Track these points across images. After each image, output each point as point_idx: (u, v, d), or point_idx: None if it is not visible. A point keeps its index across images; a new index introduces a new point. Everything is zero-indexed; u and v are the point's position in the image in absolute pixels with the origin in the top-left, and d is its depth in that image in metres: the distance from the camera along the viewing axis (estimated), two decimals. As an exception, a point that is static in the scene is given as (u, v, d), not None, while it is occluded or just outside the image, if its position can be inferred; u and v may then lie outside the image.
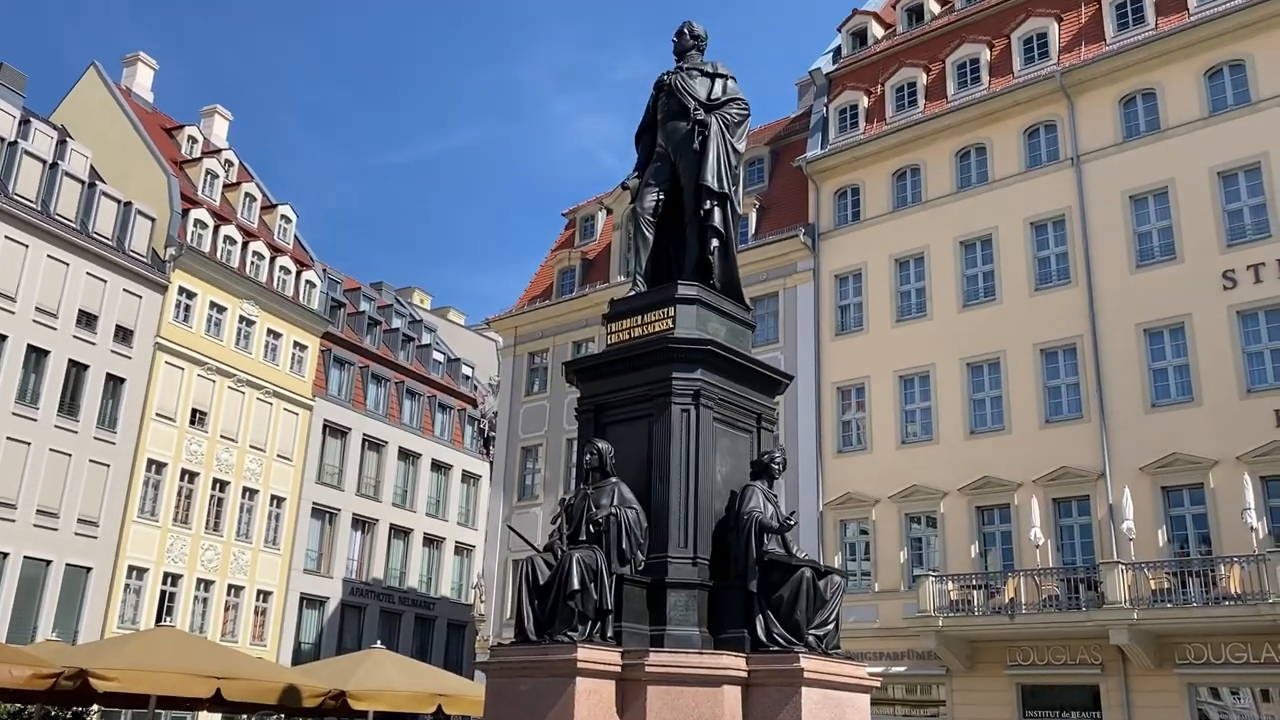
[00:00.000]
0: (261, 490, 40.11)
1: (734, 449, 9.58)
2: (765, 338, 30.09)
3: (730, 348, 9.70)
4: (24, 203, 33.19)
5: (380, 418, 46.19)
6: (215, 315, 39.34)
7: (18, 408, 32.09)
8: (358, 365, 45.83)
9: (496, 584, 35.01)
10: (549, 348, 36.39)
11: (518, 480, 35.98)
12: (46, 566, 32.40)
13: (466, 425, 51.05)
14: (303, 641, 40.91)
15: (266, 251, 41.98)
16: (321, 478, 42.93)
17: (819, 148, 31.55)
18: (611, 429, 9.61)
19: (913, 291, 28.91)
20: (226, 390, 39.15)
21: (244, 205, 43.15)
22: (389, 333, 49.36)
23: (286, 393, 41.58)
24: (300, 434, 42.11)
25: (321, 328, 43.89)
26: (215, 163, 42.61)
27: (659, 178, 10.32)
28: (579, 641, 8.05)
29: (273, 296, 41.55)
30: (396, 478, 46.61)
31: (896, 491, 27.22)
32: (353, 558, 43.97)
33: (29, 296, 32.84)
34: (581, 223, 39.40)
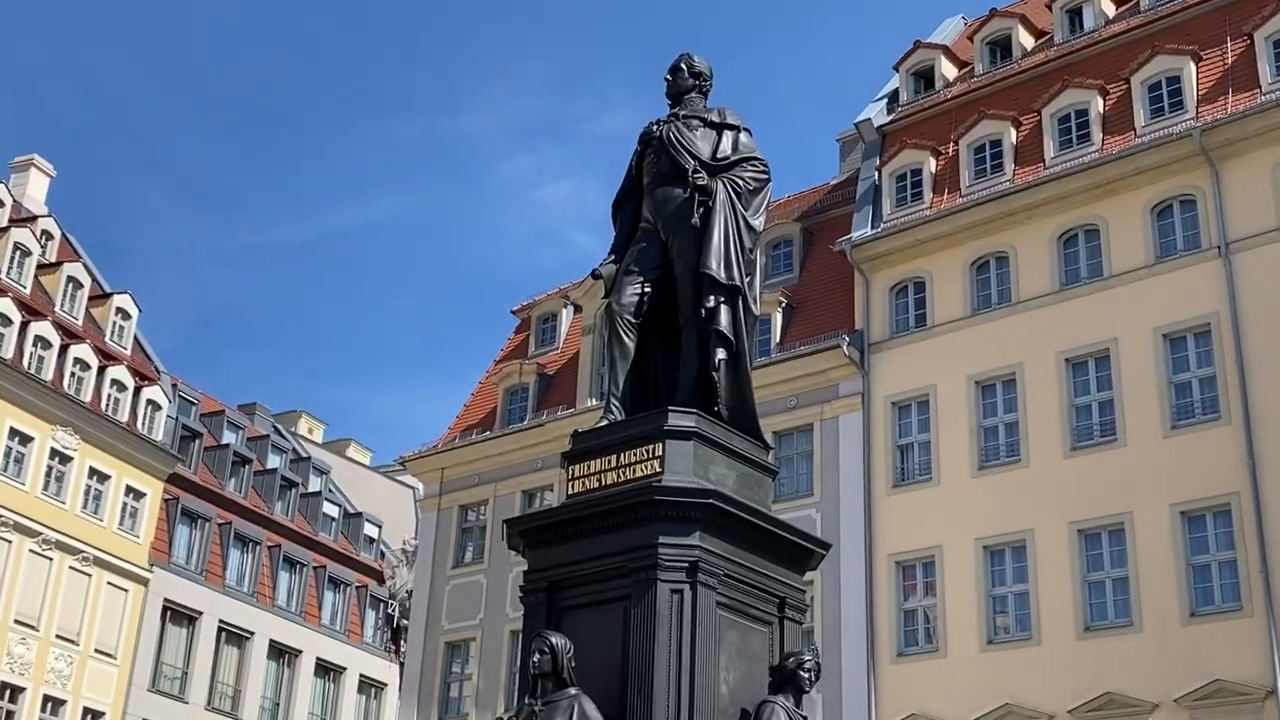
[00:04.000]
0: (70, 701, 39.42)
1: (746, 648, 9.49)
2: (793, 489, 30.05)
3: (742, 502, 9.68)
4: None
5: (245, 597, 45.71)
6: (16, 448, 39.26)
7: None
8: (216, 521, 45.57)
9: (404, 843, 34.11)
10: (488, 498, 36.27)
11: (439, 690, 35.39)
12: None
13: (368, 609, 50.54)
14: None
15: (94, 359, 42.15)
16: (158, 684, 42.28)
17: (869, 226, 32.07)
18: (571, 616, 9.51)
19: (1001, 427, 29.04)
20: (26, 555, 38.80)
21: (65, 294, 43.47)
22: (262, 475, 49.25)
23: (113, 560, 41.24)
24: (130, 619, 41.59)
25: (167, 468, 43.79)
26: (27, 234, 43.10)
27: (644, 264, 10.43)
28: None
29: (99, 423, 41.56)
30: (265, 686, 45.87)
31: (983, 713, 26.82)
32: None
33: None
34: (538, 324, 39.79)
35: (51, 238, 45.64)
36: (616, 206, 11.01)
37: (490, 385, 39.09)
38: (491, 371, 39.85)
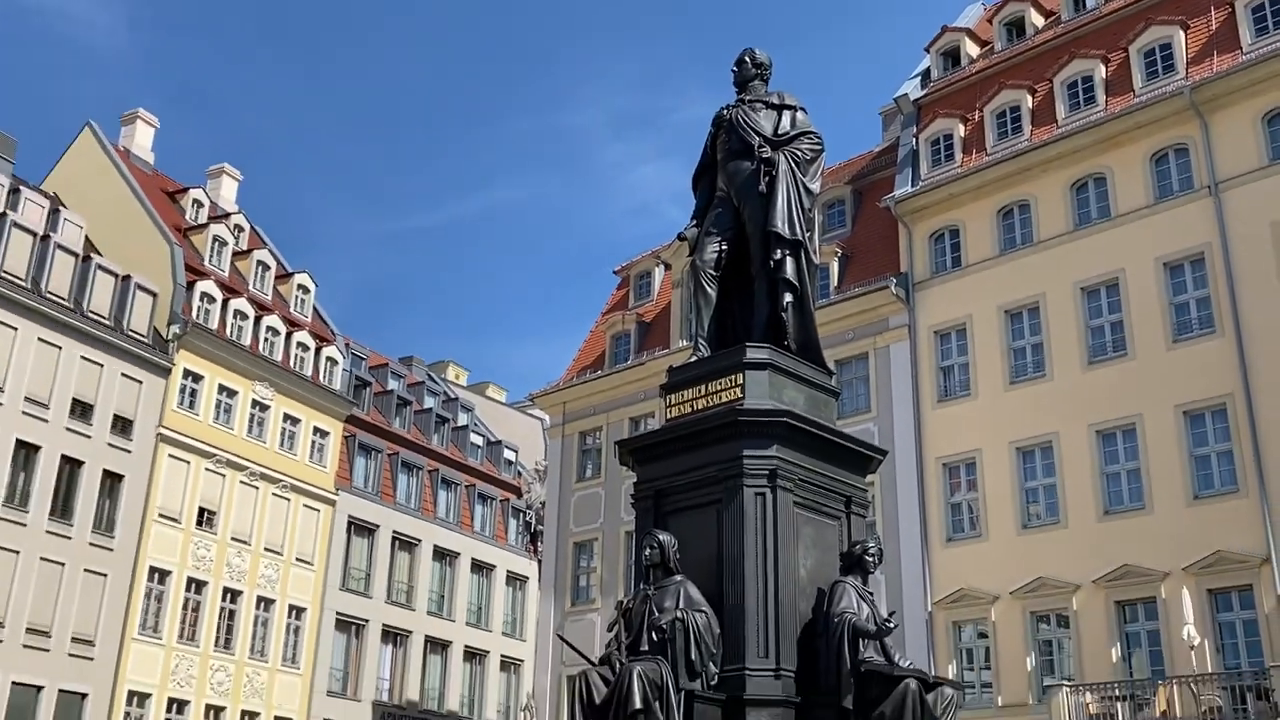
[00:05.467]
0: (278, 600, 40.48)
1: (820, 539, 9.46)
2: (854, 407, 29.86)
3: (811, 419, 9.63)
4: (13, 280, 34.42)
5: (412, 512, 46.53)
6: (225, 400, 40.17)
7: (6, 511, 32.93)
8: (386, 452, 46.35)
9: (549, 705, 34.70)
10: (602, 425, 36.48)
11: (570, 581, 35.85)
12: (37, 694, 32.87)
13: (510, 518, 51.20)
14: (326, 776, 40.82)
15: (282, 326, 42.94)
16: (346, 583, 43.23)
17: (909, 185, 31.61)
18: (674, 518, 9.55)
19: (1028, 348, 28.60)
20: (238, 485, 39.79)
21: (256, 275, 44.27)
22: (421, 414, 49.94)
23: (306, 486, 42.15)
24: (322, 533, 42.57)
25: (345, 411, 44.58)
26: (223, 228, 43.89)
27: (720, 226, 10.38)
28: (644, 771, 7.92)
29: (289, 377, 42.38)
30: (432, 581, 46.77)
31: (1019, 586, 26.60)
32: (384, 676, 44.02)
33: (18, 385, 33.87)
34: (636, 281, 39.75)
35: (242, 230, 46.41)
36: (696, 180, 10.98)
37: (599, 333, 39.22)
38: (599, 322, 39.95)
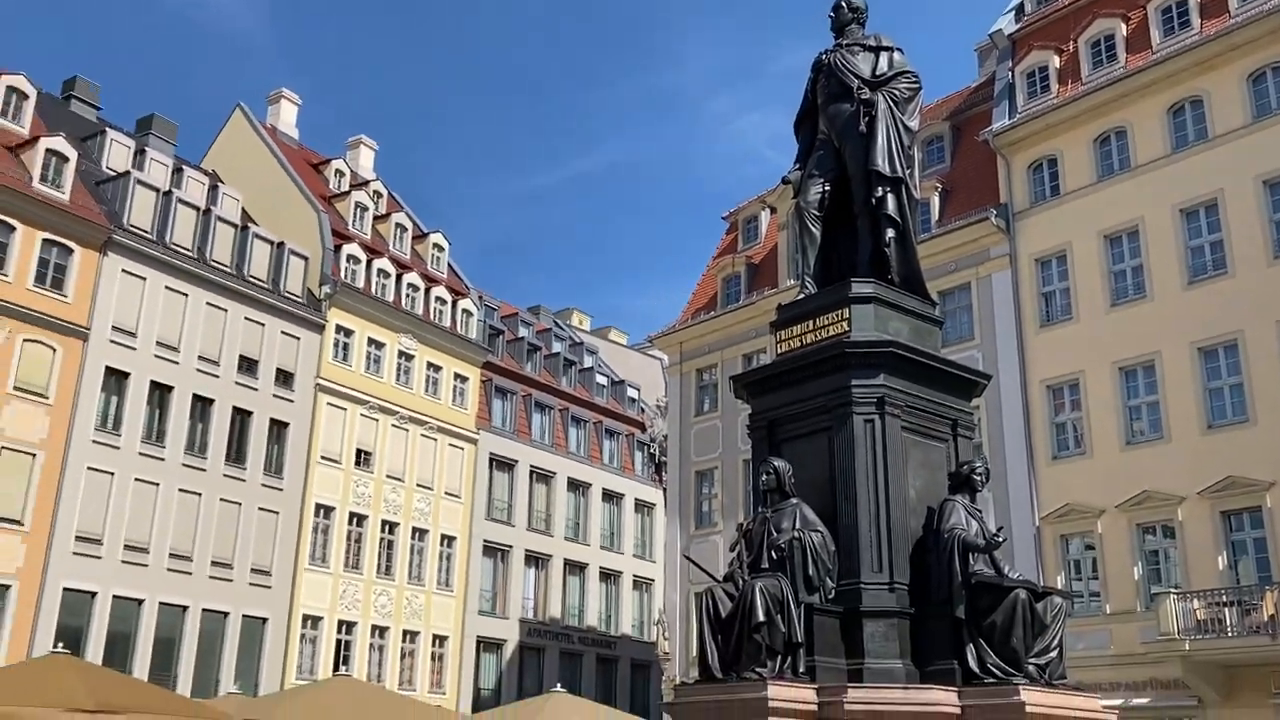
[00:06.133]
0: (431, 530, 41.69)
1: (928, 461, 9.36)
2: (957, 335, 29.24)
3: (915, 348, 9.49)
4: (181, 251, 35.77)
5: (546, 448, 47.31)
6: (374, 352, 41.25)
7: (187, 458, 34.50)
8: (520, 394, 47.10)
9: (679, 619, 35.20)
10: (717, 362, 36.45)
11: (693, 507, 36.13)
12: (224, 619, 34.62)
13: (636, 451, 51.66)
14: (482, 687, 42.20)
15: (421, 283, 43.77)
16: (491, 514, 44.29)
17: (1006, 118, 30.53)
18: (788, 445, 9.55)
19: (1128, 271, 27.55)
20: (390, 428, 40.95)
21: (395, 236, 45.13)
22: (550, 358, 50.55)
23: (450, 427, 43.16)
24: (466, 469, 43.60)
25: (481, 357, 45.38)
26: (364, 195, 44.78)
27: (823, 167, 10.22)
28: (768, 678, 8.01)
29: (430, 329, 43.26)
30: (567, 510, 47.60)
31: (1125, 499, 25.89)
32: (528, 596, 45.13)
33: (191, 345, 35.31)
34: (744, 225, 39.39)
35: (381, 196, 47.26)
36: (798, 125, 10.81)
37: (711, 276, 39.04)
38: (711, 266, 39.75)
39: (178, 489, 33.97)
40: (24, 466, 30.70)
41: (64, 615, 30.55)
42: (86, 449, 32.06)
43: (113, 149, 37.41)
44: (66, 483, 31.40)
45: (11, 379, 30.76)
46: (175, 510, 33.78)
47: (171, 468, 33.98)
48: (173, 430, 34.31)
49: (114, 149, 37.45)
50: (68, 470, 31.50)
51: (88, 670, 15.59)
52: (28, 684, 13.30)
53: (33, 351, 31.43)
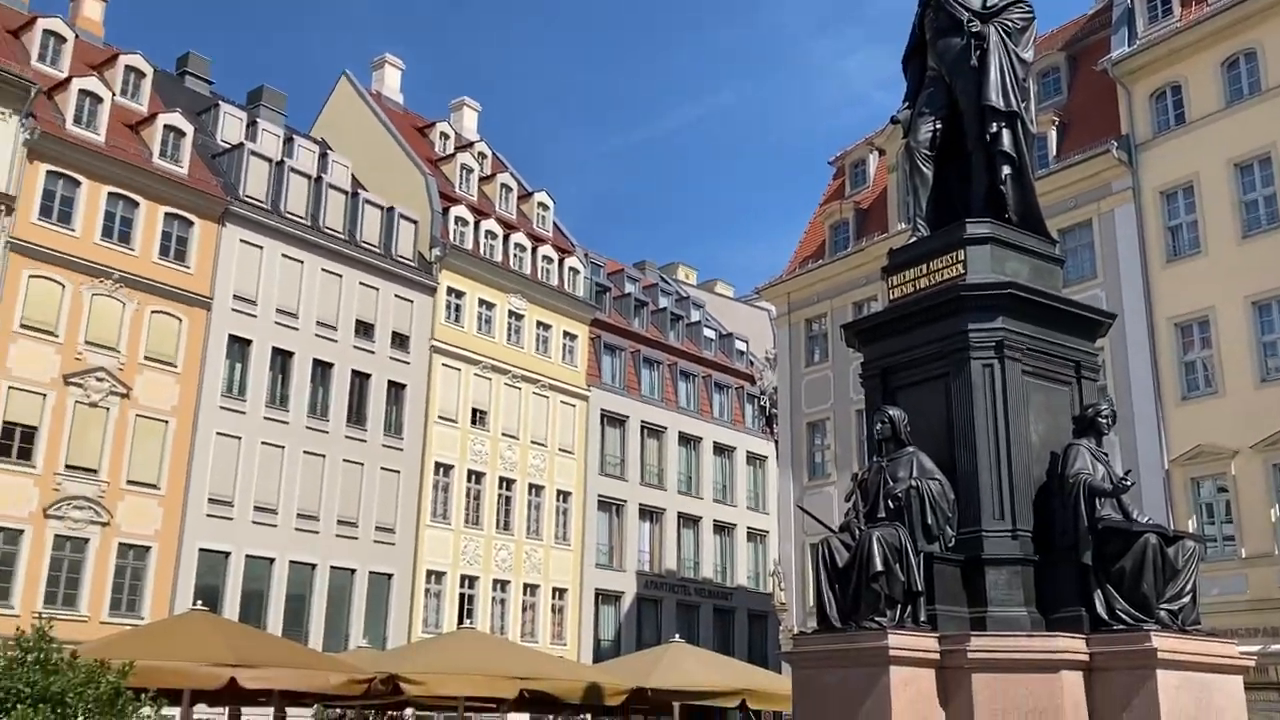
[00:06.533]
0: (547, 486, 42.39)
1: (1050, 404, 9.12)
2: (1079, 274, 28.28)
3: (1035, 289, 9.22)
4: (295, 219, 36.74)
5: (656, 403, 47.56)
6: (484, 312, 41.89)
7: (310, 421, 35.66)
8: (629, 350, 47.36)
9: (795, 570, 35.19)
10: (826, 312, 36.02)
11: (806, 458, 35.94)
12: (351, 575, 35.86)
13: (746, 404, 51.57)
14: (601, 638, 42.97)
15: (528, 242, 44.19)
16: (604, 469, 44.81)
17: (1126, 45, 29.21)
18: (903, 393, 9.39)
19: (1259, 200, 26.22)
20: (503, 387, 41.64)
21: (501, 197, 45.58)
22: (657, 313, 50.64)
23: (561, 385, 43.67)
24: (579, 426, 44.13)
25: (589, 315, 45.71)
26: (469, 157, 45.27)
27: (933, 105, 9.92)
28: (888, 627, 7.96)
29: (538, 287, 43.71)
30: (679, 464, 47.87)
31: (1260, 439, 24.83)
32: (644, 549, 45.65)
33: (309, 311, 36.35)
34: (851, 170, 38.68)
35: (485, 157, 47.69)
36: (906, 62, 10.52)
37: (818, 224, 38.48)
38: (818, 213, 39.17)
39: (302, 451, 35.15)
40: (157, 433, 32.12)
41: (201, 574, 32.01)
42: (214, 415, 33.36)
43: (226, 122, 38.52)
44: (197, 448, 32.77)
45: (142, 349, 32.12)
46: (300, 472, 34.99)
47: (295, 431, 35.17)
48: (295, 394, 35.47)
49: (227, 122, 38.55)
50: (198, 436, 32.85)
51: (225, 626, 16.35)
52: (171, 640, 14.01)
53: (160, 322, 32.75)
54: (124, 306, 31.92)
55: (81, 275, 31.09)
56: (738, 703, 16.40)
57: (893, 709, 7.64)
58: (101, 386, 31.00)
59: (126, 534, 30.92)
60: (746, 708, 16.72)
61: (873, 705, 7.72)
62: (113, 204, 32.31)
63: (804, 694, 8.47)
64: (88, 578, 29.95)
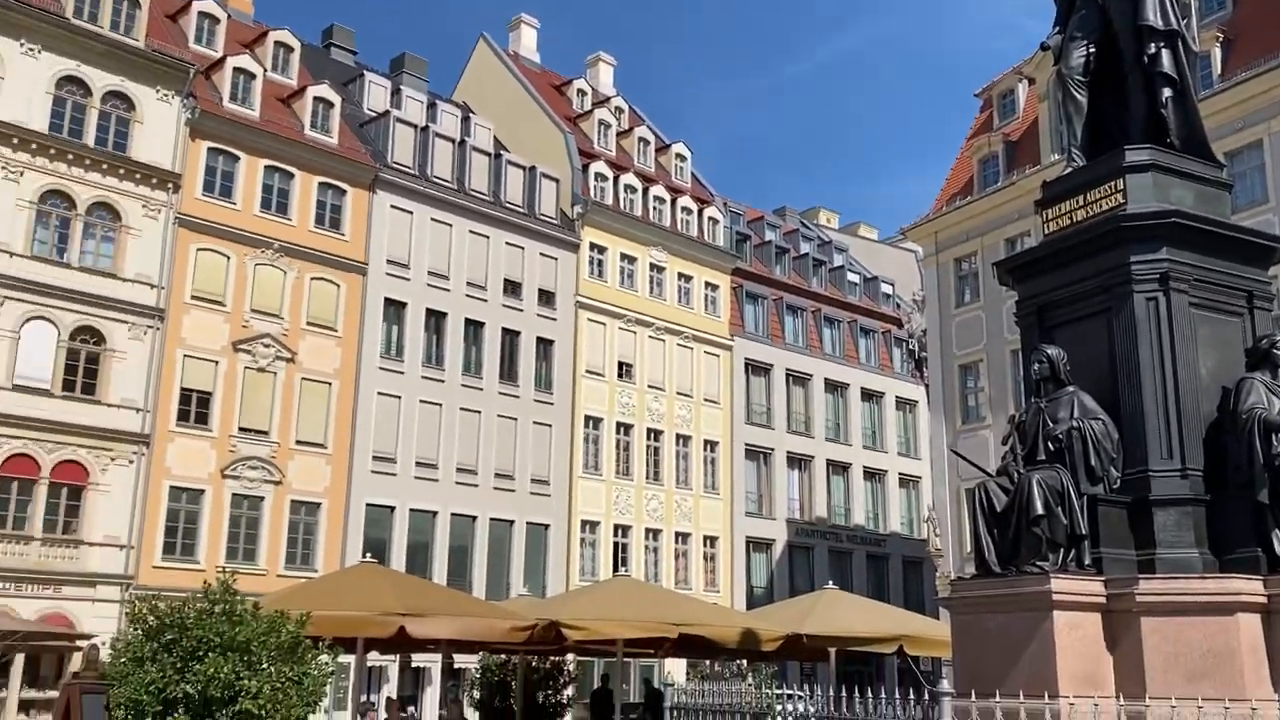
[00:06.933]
0: (694, 436, 42.67)
1: (1220, 337, 8.69)
2: (1249, 199, 26.68)
3: (1201, 216, 8.77)
4: (441, 183, 37.62)
5: (801, 350, 47.20)
6: (626, 266, 42.20)
7: (464, 379, 36.71)
8: (771, 298, 47.05)
9: (950, 515, 34.58)
10: (976, 250, 34.97)
11: (959, 402, 35.14)
12: (510, 526, 36.94)
13: (893, 348, 50.67)
14: (754, 585, 43.22)
15: (666, 194, 44.21)
16: (750, 418, 44.82)
17: (1296, -49, 27.20)
18: (1060, 331, 9.09)
19: None
20: (647, 340, 41.98)
21: (639, 151, 45.64)
22: (799, 259, 50.10)
23: (705, 335, 43.76)
24: (723, 375, 44.19)
25: (730, 264, 45.56)
26: (606, 112, 45.41)
27: (1086, 28, 9.46)
28: (1051, 571, 7.78)
29: (678, 239, 43.75)
30: (826, 411, 47.50)
31: None
32: (793, 497, 45.61)
33: (459, 272, 37.30)
34: (999, 101, 37.27)
35: (622, 111, 47.77)
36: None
37: (965, 159, 37.29)
38: (965, 148, 37.94)
39: (458, 408, 36.25)
40: (322, 395, 33.58)
41: (368, 528, 33.44)
42: (374, 376, 34.65)
43: (371, 91, 39.58)
44: (360, 408, 34.13)
45: (304, 315, 33.54)
46: (458, 428, 36.13)
47: (451, 389, 36.27)
48: (449, 354, 36.55)
49: (373, 91, 39.61)
50: (360, 397, 34.20)
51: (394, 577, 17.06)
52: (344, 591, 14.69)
53: (320, 289, 34.10)
54: (285, 275, 33.34)
55: (244, 246, 32.59)
56: (895, 649, 16.28)
57: (1058, 654, 7.49)
58: (268, 352, 32.54)
59: (298, 491, 32.53)
60: (904, 654, 16.59)
61: (1037, 650, 7.58)
62: (269, 176, 33.69)
63: (965, 640, 8.37)
64: (264, 533, 31.67)
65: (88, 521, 28.85)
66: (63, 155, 29.72)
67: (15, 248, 28.76)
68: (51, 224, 29.73)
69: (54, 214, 29.76)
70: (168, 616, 11.05)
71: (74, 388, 29.20)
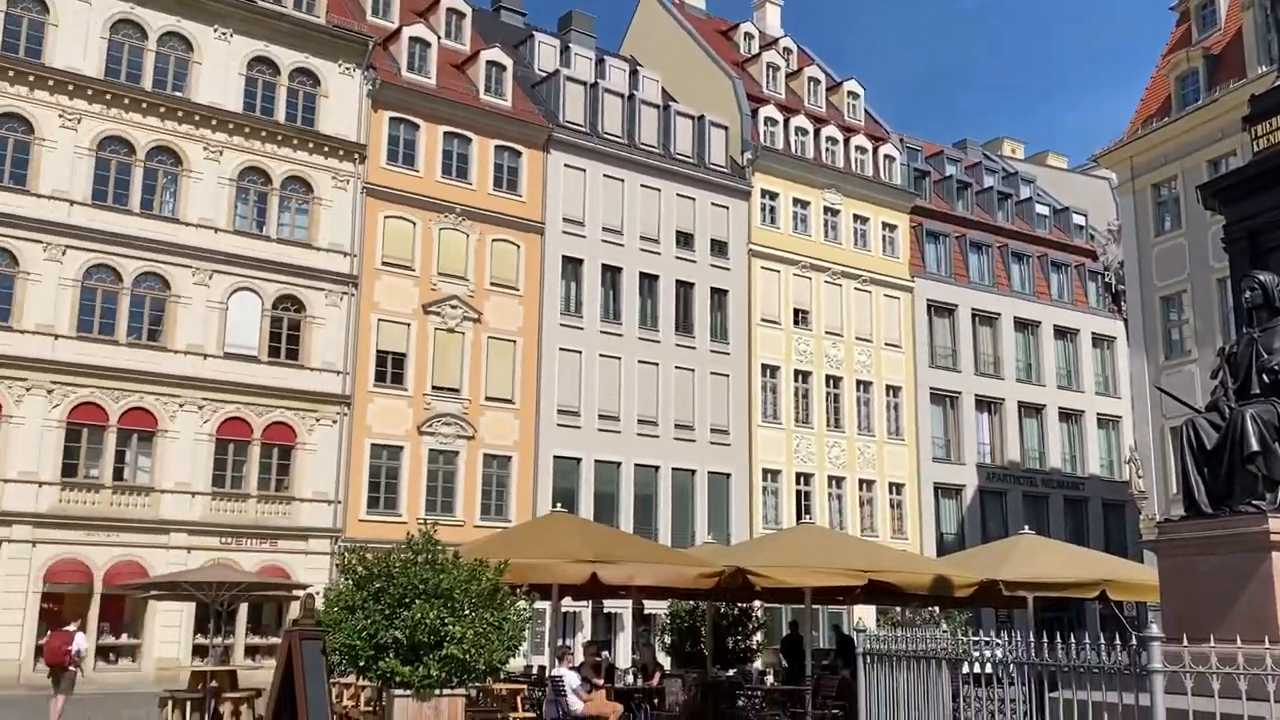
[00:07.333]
0: (875, 382, 41.99)
1: None
2: None
3: None
4: (612, 139, 37.91)
5: (987, 288, 45.68)
6: (799, 211, 41.65)
7: (641, 332, 37.14)
8: (953, 236, 45.63)
9: (1154, 456, 32.98)
10: (1176, 174, 32.90)
11: (1161, 336, 33.32)
12: (692, 475, 37.35)
13: (1087, 282, 48.42)
14: (944, 532, 42.42)
15: (839, 134, 43.31)
16: (935, 361, 43.76)
17: None
18: (1274, 255, 8.49)
19: None
20: (823, 285, 41.42)
21: (809, 91, 44.82)
22: (982, 194, 48.35)
23: (883, 277, 42.86)
24: (904, 318, 43.24)
25: (908, 203, 44.38)
26: (774, 54, 44.72)
27: (1297, -74, 8.72)
28: (1269, 510, 7.34)
29: (853, 180, 42.85)
30: (1016, 351, 45.93)
31: None
32: (983, 441, 44.40)
33: (632, 227, 37.63)
34: (1197, 13, 34.80)
35: (790, 52, 46.94)
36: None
37: (1161, 78, 35.01)
38: (1160, 65, 35.61)
39: (636, 361, 36.76)
40: (507, 353, 34.63)
41: (556, 479, 34.44)
42: (555, 332, 35.47)
43: (541, 51, 40.13)
44: (543, 364, 35.05)
45: (487, 276, 34.58)
46: (637, 381, 36.66)
47: (628, 343, 36.77)
48: (626, 308, 37.03)
49: (542, 51, 40.16)
50: (543, 353, 35.11)
51: (584, 526, 17.55)
52: (537, 540, 15.21)
53: (501, 250, 35.06)
54: (468, 238, 34.41)
55: (428, 212, 33.76)
56: (1097, 594, 15.71)
57: (1277, 596, 7.08)
58: (456, 313, 33.73)
59: (489, 445, 33.75)
60: (1107, 599, 16.00)
61: (1255, 592, 7.19)
62: (449, 142, 34.70)
63: (1175, 583, 8.01)
64: (459, 486, 33.04)
65: (298, 479, 30.75)
66: (257, 133, 31.43)
67: (219, 223, 30.68)
68: (250, 199, 31.55)
69: (252, 190, 31.56)
70: (375, 566, 11.72)
71: (279, 354, 31.06)
